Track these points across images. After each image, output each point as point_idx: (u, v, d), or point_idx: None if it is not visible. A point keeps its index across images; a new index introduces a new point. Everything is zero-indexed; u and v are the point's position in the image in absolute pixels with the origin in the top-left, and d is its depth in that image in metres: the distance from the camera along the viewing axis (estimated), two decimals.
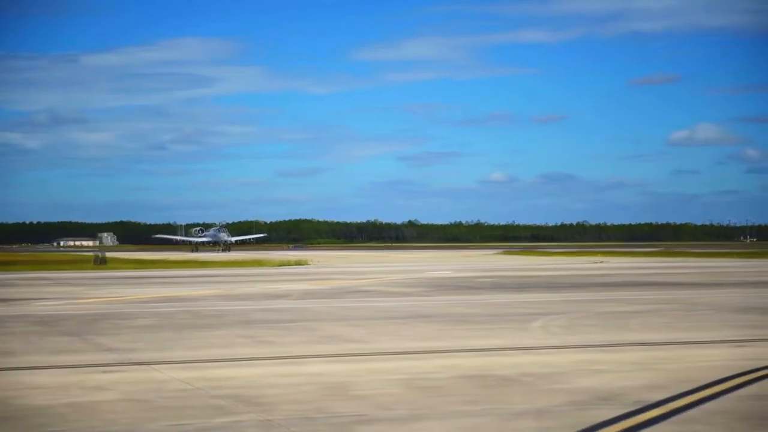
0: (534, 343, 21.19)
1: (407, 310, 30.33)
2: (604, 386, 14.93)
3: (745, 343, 20.61)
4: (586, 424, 12.03)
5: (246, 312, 30.04)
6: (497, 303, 33.57)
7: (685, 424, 12.08)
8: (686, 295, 36.77)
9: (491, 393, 14.53)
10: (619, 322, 25.77)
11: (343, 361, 18.29)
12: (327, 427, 12.20)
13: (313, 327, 25.01)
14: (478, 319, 26.95)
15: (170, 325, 25.67)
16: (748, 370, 16.33)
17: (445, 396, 14.26)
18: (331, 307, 31.73)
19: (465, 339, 22.05)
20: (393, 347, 20.52)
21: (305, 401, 13.90)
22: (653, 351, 19.52)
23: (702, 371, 16.24)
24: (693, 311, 29.27)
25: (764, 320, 26.11)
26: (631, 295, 37.00)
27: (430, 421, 12.50)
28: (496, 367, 17.22)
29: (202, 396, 14.41)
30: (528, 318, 26.89)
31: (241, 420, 12.64)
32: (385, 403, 13.75)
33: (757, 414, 12.58)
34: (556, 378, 15.86)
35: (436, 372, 16.70)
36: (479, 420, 12.50)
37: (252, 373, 16.79)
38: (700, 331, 23.26)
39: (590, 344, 20.79)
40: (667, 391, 14.27)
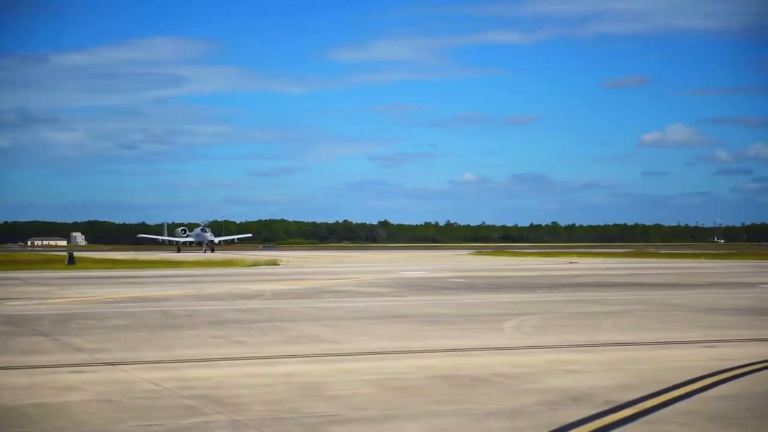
0: (506, 343, 21.22)
1: (380, 311, 30.31)
2: (575, 386, 14.97)
3: (714, 344, 20.72)
4: (557, 424, 12.05)
5: (217, 312, 29.93)
6: (470, 303, 33.61)
7: (655, 424, 12.12)
8: (657, 296, 36.94)
9: (464, 393, 14.54)
10: (591, 322, 25.86)
11: (316, 362, 18.25)
12: (299, 427, 12.15)
13: (285, 327, 24.96)
14: (451, 320, 26.97)
15: (141, 326, 25.54)
16: (717, 370, 16.42)
17: (417, 396, 14.26)
18: (304, 308, 31.67)
19: (438, 339, 22.06)
20: (366, 347, 20.50)
21: (277, 401, 13.85)
22: (624, 351, 19.59)
23: (672, 372, 16.31)
24: (664, 312, 29.42)
25: (733, 321, 26.27)
26: (602, 296, 37.14)
27: (402, 421, 12.49)
28: (469, 367, 17.24)
29: (173, 396, 14.34)
30: (500, 318, 26.94)
31: (212, 420, 12.58)
32: (358, 403, 13.73)
33: (725, 414, 12.64)
34: (528, 378, 15.89)
35: (409, 372, 16.69)
36: (452, 420, 12.50)
37: (223, 373, 16.72)
38: (671, 332, 23.37)
39: (562, 344, 20.85)
40: (637, 392, 14.32)
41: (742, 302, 33.50)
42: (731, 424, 12.06)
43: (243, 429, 12.08)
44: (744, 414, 12.64)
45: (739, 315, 28.10)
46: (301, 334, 23.20)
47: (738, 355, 18.44)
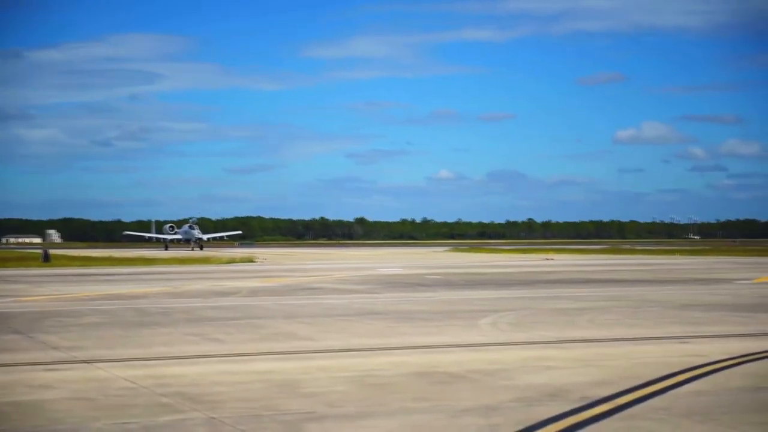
0: (482, 340, 21.27)
1: (356, 308, 30.32)
2: (551, 382, 15.02)
3: (689, 340, 20.84)
4: (533, 421, 12.10)
5: (193, 309, 29.86)
6: (446, 300, 33.66)
7: (630, 420, 12.19)
8: (633, 292, 37.11)
9: (439, 390, 14.57)
10: (567, 318, 25.95)
11: (292, 359, 18.23)
12: (275, 424, 12.15)
13: (262, 324, 24.93)
14: (427, 317, 27.00)
15: (117, 323, 25.45)
16: (691, 366, 16.52)
17: (393, 393, 14.27)
18: (280, 305, 31.64)
19: (414, 336, 22.08)
20: (342, 344, 20.50)
21: (253, 399, 13.84)
22: (600, 348, 19.67)
23: (648, 368, 16.40)
24: (639, 308, 29.55)
25: (708, 317, 26.42)
26: (578, 292, 37.27)
27: (378, 418, 12.51)
28: (445, 364, 17.27)
29: (148, 394, 14.30)
30: (477, 315, 27.00)
31: (188, 418, 12.56)
32: (334, 400, 13.74)
33: (699, 410, 12.72)
34: (503, 374, 15.93)
35: (385, 369, 16.71)
36: (427, 417, 12.53)
37: (199, 370, 16.69)
38: (646, 328, 23.48)
39: (538, 341, 20.92)
40: (613, 388, 14.38)
41: (717, 298, 33.69)
42: (706, 419, 12.13)
43: (219, 427, 12.07)
44: (718, 409, 12.72)
45: (713, 311, 28.26)
46: (277, 332, 23.18)
47: (712, 351, 18.55)
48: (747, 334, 22.08)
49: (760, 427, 11.67)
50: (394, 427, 11.92)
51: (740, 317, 26.27)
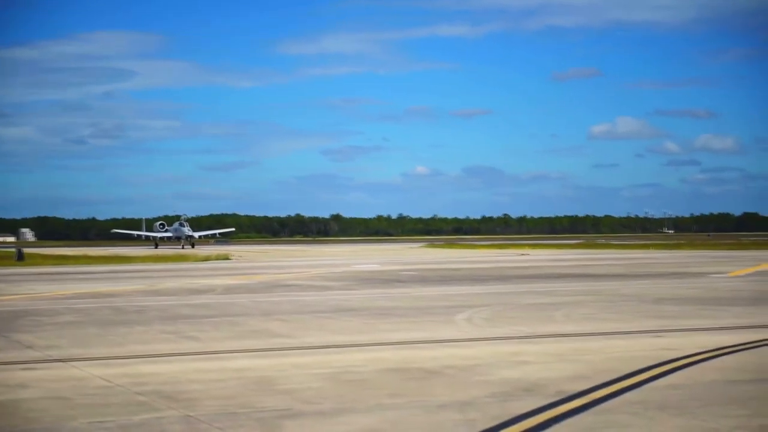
0: (458, 335, 21.31)
1: (332, 304, 30.32)
2: (527, 377, 15.08)
3: (663, 334, 20.96)
4: (509, 415, 12.14)
5: (169, 307, 29.78)
6: (422, 296, 33.70)
7: (605, 414, 12.25)
8: (608, 287, 37.26)
9: (415, 386, 14.60)
10: (542, 313, 26.04)
11: (268, 356, 18.22)
12: (251, 422, 12.15)
13: (238, 322, 24.89)
14: (403, 313, 27.03)
15: (92, 322, 25.36)
16: (666, 360, 16.62)
17: (369, 389, 14.29)
18: (255, 302, 31.59)
19: (390, 332, 22.11)
20: (318, 341, 20.51)
21: (229, 396, 13.83)
22: (575, 342, 19.76)
23: (622, 362, 16.48)
24: (614, 302, 29.68)
25: (682, 311, 26.57)
26: (554, 287, 37.40)
27: (355, 414, 12.52)
28: (421, 359, 17.30)
29: (124, 392, 14.26)
30: (452, 311, 27.05)
31: (164, 416, 12.54)
32: (310, 396, 13.74)
33: (674, 403, 12.80)
34: (479, 370, 15.98)
35: (361, 365, 16.72)
36: (403, 413, 12.55)
37: (175, 368, 16.65)
38: (621, 322, 23.60)
39: (514, 336, 20.98)
40: (588, 382, 14.46)
41: (691, 292, 33.88)
42: (680, 413, 12.21)
43: (195, 424, 12.05)
44: (692, 403, 12.81)
45: (688, 305, 28.42)
46: (253, 329, 23.16)
47: (687, 345, 18.66)
48: (721, 327, 22.23)
49: (734, 420, 11.76)
50: (371, 424, 11.94)
51: (714, 311, 26.43)
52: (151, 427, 11.99)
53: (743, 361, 16.60)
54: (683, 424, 11.63)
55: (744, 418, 11.81)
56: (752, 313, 25.52)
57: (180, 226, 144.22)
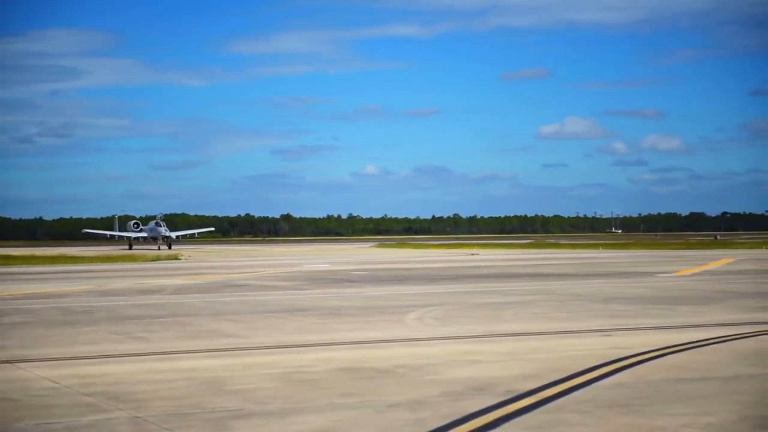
0: (409, 335, 21.34)
1: (283, 304, 30.24)
2: (477, 377, 15.13)
3: (611, 333, 21.12)
4: (459, 414, 12.17)
5: (118, 308, 29.54)
6: (373, 296, 33.72)
7: (555, 412, 12.32)
8: (557, 286, 37.51)
9: (367, 385, 14.59)
10: (492, 313, 26.14)
11: (218, 356, 18.12)
12: (201, 422, 12.07)
13: (188, 322, 24.75)
14: (354, 312, 27.03)
15: (39, 323, 25.09)
16: (614, 359, 16.75)
17: (321, 389, 14.26)
18: (206, 302, 31.43)
19: (341, 332, 22.09)
20: (269, 341, 20.44)
21: (179, 397, 13.73)
22: (525, 341, 19.86)
23: (572, 361, 16.59)
24: (564, 302, 29.87)
25: (630, 310, 26.80)
26: (504, 287, 37.57)
27: (306, 414, 12.49)
28: (372, 359, 17.30)
29: (72, 394, 14.12)
30: (403, 310, 27.09)
31: (112, 417, 12.42)
32: (261, 397, 13.69)
33: (622, 401, 12.90)
34: (430, 369, 16.01)
35: (312, 365, 16.69)
36: (355, 412, 12.54)
37: (123, 369, 16.52)
38: (571, 322, 23.75)
39: (464, 335, 21.04)
40: (538, 381, 14.53)
41: (639, 291, 34.19)
42: (628, 411, 12.31)
43: (144, 426, 11.96)
44: (640, 401, 12.91)
45: (636, 304, 28.67)
46: (203, 329, 23.03)
47: (634, 344, 18.82)
48: (668, 326, 22.44)
49: (681, 418, 11.88)
50: (322, 423, 11.92)
51: (662, 310, 26.69)
52: (99, 428, 11.88)
53: (690, 360, 16.77)
54: (631, 422, 11.72)
55: (691, 417, 11.93)
56: (699, 312, 25.80)
57: (156, 225, 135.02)
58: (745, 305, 27.84)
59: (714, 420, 11.72)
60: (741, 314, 25.02)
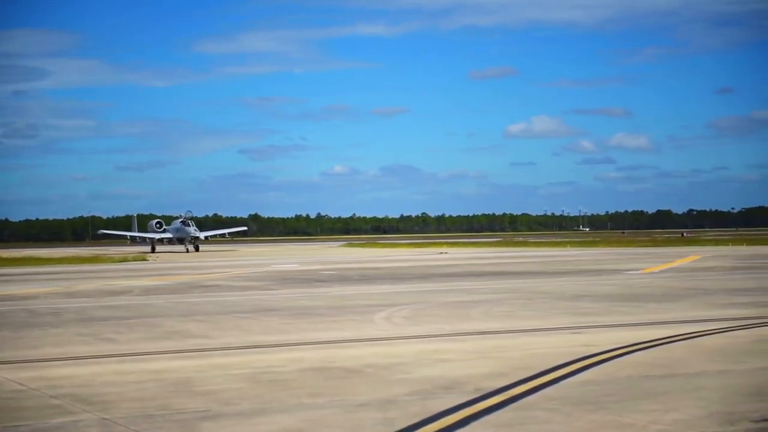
0: (378, 334, 21.35)
1: (251, 304, 30.17)
2: (446, 375, 15.16)
3: (580, 330, 21.22)
4: (429, 413, 12.19)
5: (85, 309, 29.37)
6: (342, 295, 33.70)
7: (523, 410, 12.36)
8: (525, 284, 37.64)
9: (336, 385, 14.58)
10: (461, 311, 26.19)
11: (187, 357, 18.06)
12: (170, 424, 12.03)
13: (156, 323, 24.64)
14: (323, 312, 27.00)
15: (5, 324, 24.91)
16: (582, 356, 16.82)
17: (289, 389, 14.24)
18: (174, 303, 31.31)
19: (310, 332, 22.07)
20: (237, 342, 20.39)
21: (147, 398, 13.67)
22: (494, 339, 19.91)
23: (540, 358, 16.65)
24: (532, 300, 29.98)
25: (598, 307, 26.92)
26: (472, 285, 37.65)
27: (275, 414, 12.47)
28: (341, 358, 17.30)
29: (39, 396, 14.03)
30: (372, 309, 27.10)
31: (79, 420, 12.35)
32: (230, 397, 13.65)
33: (591, 399, 12.96)
34: (399, 368, 16.02)
35: (281, 365, 16.67)
36: (324, 412, 12.53)
37: (91, 371, 16.42)
38: (539, 320, 23.83)
39: (433, 334, 21.07)
40: (506, 379, 14.57)
41: (607, 289, 34.37)
42: (596, 408, 12.37)
43: (112, 427, 11.90)
44: (608, 398, 12.98)
45: (604, 301, 28.81)
46: (171, 330, 22.94)
47: (603, 341, 18.92)
48: (636, 323, 22.57)
49: (648, 414, 11.95)
50: (291, 424, 11.90)
51: (629, 307, 26.83)
52: (67, 430, 11.81)
53: (657, 357, 16.87)
54: (599, 419, 11.78)
55: (658, 413, 12.00)
56: (666, 309, 25.96)
57: (182, 225, 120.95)
58: (712, 302, 28.05)
59: (681, 416, 11.80)
60: (707, 311, 25.21)
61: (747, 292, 31.63)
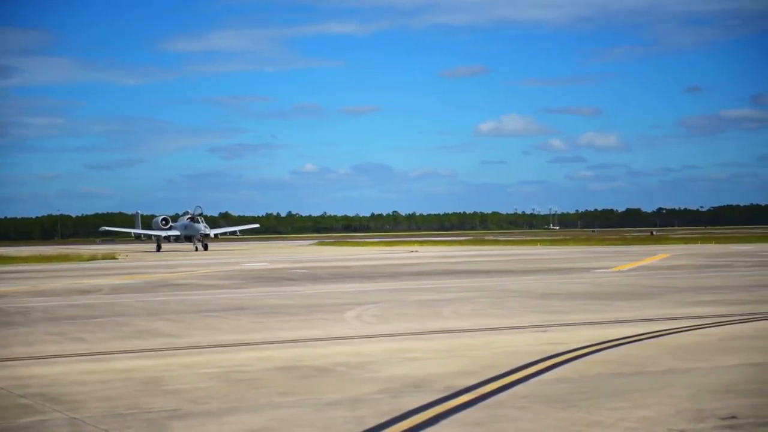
0: (348, 332, 21.34)
1: (221, 303, 30.08)
2: (416, 374, 15.17)
3: (548, 328, 21.29)
4: (398, 411, 12.19)
5: (53, 308, 29.19)
6: (312, 294, 33.66)
7: (493, 408, 12.39)
8: (495, 283, 37.73)
9: (305, 384, 14.56)
10: (431, 310, 26.22)
11: (155, 356, 17.98)
12: (139, 423, 11.97)
13: (124, 322, 24.52)
14: (293, 311, 26.96)
15: None
16: (551, 354, 16.88)
17: (259, 388, 14.21)
18: (143, 302, 31.17)
19: (279, 330, 22.02)
20: (206, 340, 20.32)
21: (116, 398, 13.60)
22: (463, 338, 19.94)
23: (509, 357, 16.69)
24: (501, 298, 30.05)
25: (567, 305, 27.02)
26: (443, 284, 37.70)
27: (244, 413, 12.43)
28: (311, 357, 17.27)
29: (7, 396, 13.93)
30: (342, 308, 27.08)
31: (48, 419, 12.28)
32: (199, 396, 13.60)
33: (560, 397, 13.00)
34: (369, 367, 16.02)
35: (251, 364, 16.63)
36: (293, 411, 12.51)
37: (59, 370, 16.32)
38: (508, 318, 23.90)
39: (403, 332, 21.08)
40: (476, 377, 14.60)
41: (577, 287, 34.50)
42: (565, 406, 12.42)
43: (81, 427, 11.83)
44: (578, 396, 13.03)
45: (573, 299, 28.92)
46: (140, 329, 22.84)
47: (572, 339, 18.99)
48: (605, 321, 22.67)
49: (617, 411, 12.01)
50: (260, 423, 11.88)
51: (599, 305, 26.94)
52: (35, 430, 11.74)
53: (626, 355, 16.96)
54: (568, 416, 11.83)
55: (627, 411, 12.06)
56: (635, 307, 26.10)
57: (191, 222, 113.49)
58: (680, 300, 28.22)
59: (649, 414, 11.87)
60: (676, 309, 25.36)
61: (715, 290, 31.85)
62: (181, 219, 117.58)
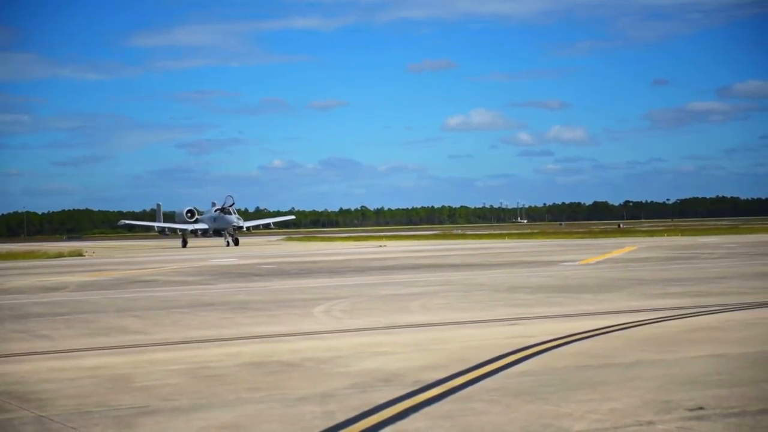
0: (317, 327, 21.34)
1: (189, 299, 29.98)
2: (385, 368, 15.18)
3: (517, 321, 21.37)
4: (368, 406, 12.20)
5: (19, 306, 28.99)
6: (280, 289, 33.63)
7: (462, 401, 12.42)
8: (463, 277, 37.82)
9: (274, 379, 14.55)
10: (399, 304, 26.25)
11: (123, 353, 17.90)
12: (107, 420, 11.92)
13: (91, 319, 24.40)
14: (261, 306, 26.92)
15: None
16: (520, 347, 16.95)
17: (227, 384, 14.18)
18: (110, 299, 31.02)
19: (248, 326, 21.98)
20: (174, 337, 20.26)
21: (84, 395, 13.53)
22: (432, 332, 19.99)
23: (478, 350, 16.74)
24: (469, 292, 30.13)
25: (535, 299, 27.14)
26: (411, 278, 37.76)
27: (213, 409, 12.40)
28: (279, 352, 17.26)
29: None
30: (311, 303, 27.07)
31: (15, 417, 12.20)
32: (167, 393, 13.56)
33: (528, 389, 13.06)
34: (338, 361, 16.02)
35: (219, 360, 16.59)
36: (262, 406, 12.49)
37: (26, 368, 16.22)
38: (476, 311, 23.96)
39: (372, 327, 21.10)
40: (445, 371, 14.63)
41: (544, 280, 34.65)
42: (534, 398, 12.47)
43: (48, 425, 11.76)
44: (545, 389, 13.09)
45: (540, 293, 29.04)
46: (108, 326, 22.73)
47: (540, 332, 19.07)
48: (572, 314, 22.78)
49: (585, 404, 12.07)
50: (229, 419, 11.85)
51: (566, 298, 27.08)
52: (2, 428, 11.66)
53: (593, 347, 17.05)
54: (537, 409, 11.88)
55: (595, 402, 12.13)
56: (601, 300, 26.24)
57: (221, 213, 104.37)
58: (646, 292, 28.40)
59: (617, 405, 11.94)
60: (642, 301, 25.52)
61: (681, 282, 32.08)
62: (209, 211, 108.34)
